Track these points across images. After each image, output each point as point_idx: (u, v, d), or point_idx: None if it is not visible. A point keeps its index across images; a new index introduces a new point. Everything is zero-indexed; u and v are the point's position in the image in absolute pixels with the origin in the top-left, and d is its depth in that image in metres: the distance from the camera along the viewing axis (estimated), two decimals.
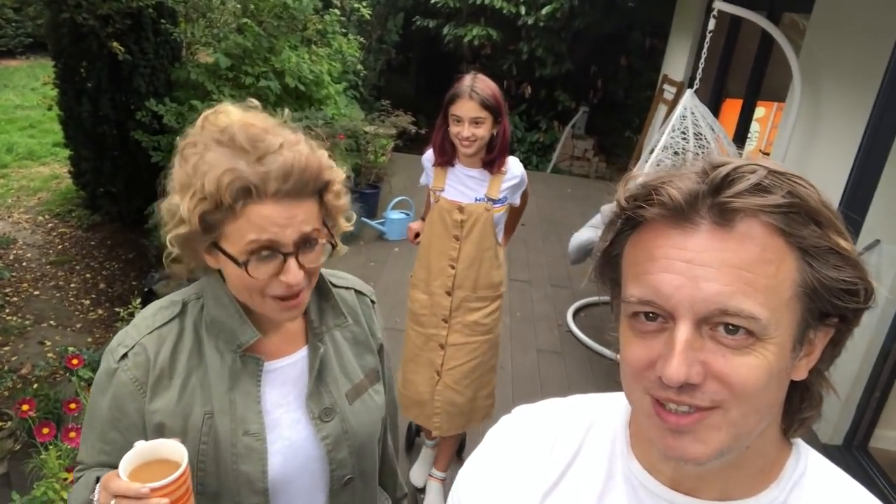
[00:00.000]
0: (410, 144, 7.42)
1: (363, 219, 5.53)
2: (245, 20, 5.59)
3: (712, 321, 0.58)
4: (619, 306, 0.67)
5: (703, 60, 3.64)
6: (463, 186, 2.39)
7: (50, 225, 6.46)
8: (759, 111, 6.23)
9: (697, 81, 3.67)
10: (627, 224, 0.65)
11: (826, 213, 0.59)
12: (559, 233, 5.96)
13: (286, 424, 1.09)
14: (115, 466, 0.91)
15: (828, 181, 3.52)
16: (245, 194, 0.92)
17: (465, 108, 2.21)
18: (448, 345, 2.49)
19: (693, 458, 0.61)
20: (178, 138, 1.01)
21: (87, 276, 5.62)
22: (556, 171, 8.80)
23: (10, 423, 3.09)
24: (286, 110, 1.06)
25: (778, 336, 0.58)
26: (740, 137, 5.50)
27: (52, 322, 4.83)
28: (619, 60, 8.70)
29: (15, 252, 5.78)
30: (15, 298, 5.05)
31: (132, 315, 3.54)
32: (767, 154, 4.66)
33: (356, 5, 6.46)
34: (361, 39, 7.04)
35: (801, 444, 0.70)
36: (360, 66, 7.10)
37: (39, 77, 10.80)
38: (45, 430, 1.96)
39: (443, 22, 8.93)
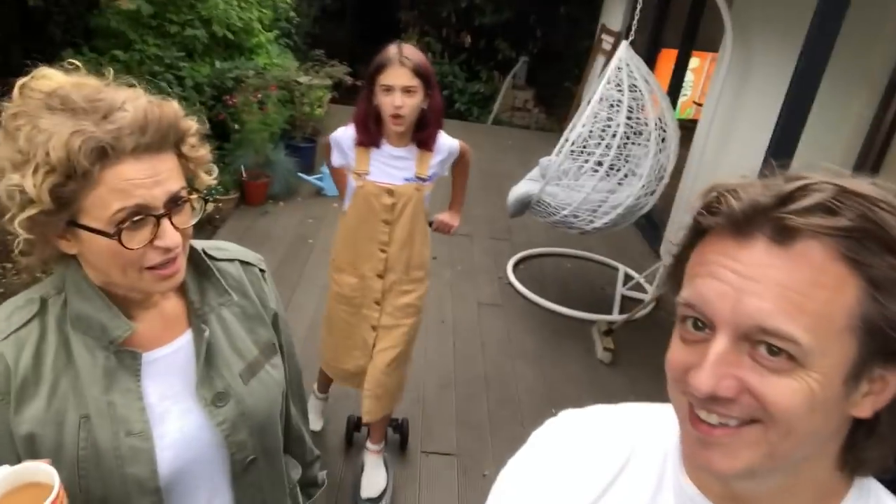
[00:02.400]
0: (347, 96, 7.23)
1: (299, 174, 5.40)
2: None
3: (753, 339, 0.55)
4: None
5: (638, 12, 3.63)
6: (390, 167, 2.24)
7: None
8: (694, 62, 6.32)
9: (633, 33, 3.66)
10: (694, 231, 0.63)
11: None
12: (500, 185, 5.96)
13: (175, 416, 1.02)
14: None
15: (756, 131, 3.61)
16: (100, 156, 0.83)
17: (396, 76, 2.07)
18: (380, 326, 2.44)
19: (718, 470, 0.59)
20: None
21: (8, 237, 5.33)
22: (496, 122, 8.76)
23: None
24: (110, 70, 0.95)
25: (824, 366, 0.54)
26: (674, 88, 5.57)
27: None
28: (558, 9, 8.63)
29: None
30: None
31: None
32: (700, 105, 4.74)
33: None
34: None
35: (869, 483, 0.66)
36: (292, 13, 6.84)
37: None
38: None
39: None
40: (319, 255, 4.43)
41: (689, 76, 6.34)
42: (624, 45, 3.62)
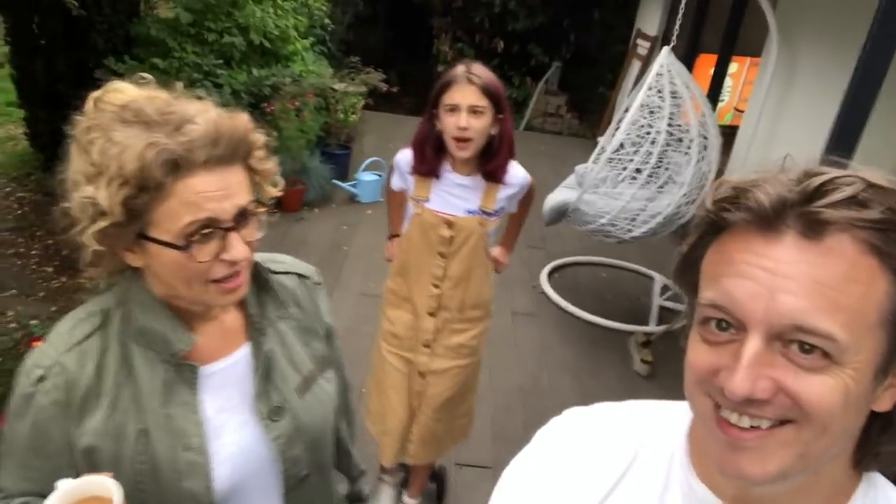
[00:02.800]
0: (381, 102, 7.25)
1: (334, 181, 5.42)
2: None
3: (786, 338, 0.54)
4: (694, 310, 0.63)
5: (680, 17, 3.56)
6: (452, 196, 2.04)
7: (7, 189, 6.22)
8: (732, 67, 6.19)
9: (674, 39, 3.59)
10: (712, 227, 0.61)
11: None
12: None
13: (232, 429, 1.02)
14: (41, 494, 0.84)
15: (804, 137, 3.51)
16: (173, 168, 0.83)
17: (463, 94, 1.87)
18: (430, 371, 2.21)
19: (750, 476, 0.57)
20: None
21: (49, 242, 5.44)
22: (528, 128, 8.70)
23: None
24: (179, 83, 0.96)
25: (858, 362, 0.54)
26: (714, 93, 5.46)
27: (13, 291, 4.68)
28: (591, 14, 8.55)
29: None
30: None
31: (95, 286, 3.43)
32: (741, 111, 4.64)
33: None
34: None
35: (876, 477, 0.66)
36: (327, 21, 6.87)
37: None
38: None
39: None
40: (354, 262, 4.44)
41: (727, 81, 6.22)
42: (665, 50, 3.55)
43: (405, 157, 2.10)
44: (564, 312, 4.16)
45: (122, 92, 0.90)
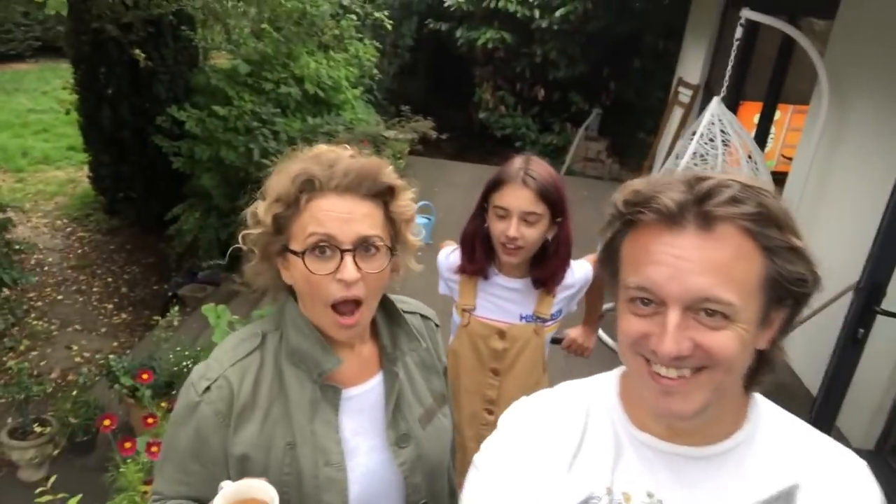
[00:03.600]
0: (423, 148, 7.44)
1: None
2: (264, 26, 5.61)
3: (696, 307, 0.71)
4: (617, 288, 0.82)
5: (730, 69, 3.65)
6: (502, 301, 1.78)
7: (69, 229, 6.50)
8: (775, 114, 6.24)
9: (724, 90, 3.68)
10: (626, 224, 0.78)
11: (785, 218, 0.74)
12: (578, 236, 5.95)
13: (364, 451, 1.09)
14: (195, 498, 0.92)
15: (856, 183, 3.53)
16: (309, 186, 0.98)
17: (516, 199, 1.63)
18: None
19: (678, 413, 0.75)
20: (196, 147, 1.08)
21: (109, 279, 5.66)
22: (569, 173, 8.80)
23: (49, 428, 3.11)
24: (366, 150, 1.12)
25: (747, 318, 0.72)
26: (760, 141, 5.50)
27: (77, 326, 4.87)
28: (631, 62, 8.70)
29: (36, 257, 5.82)
30: (39, 303, 5.08)
31: (169, 323, 3.53)
32: (790, 159, 4.67)
33: (377, 15, 6.46)
34: (377, 44, 7.06)
35: (757, 396, 0.86)
36: (375, 71, 7.13)
37: (50, 81, 10.84)
38: (128, 445, 1.92)
39: (455, 25, 8.94)
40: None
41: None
42: (716, 100, 3.64)
43: (447, 259, 1.86)
44: (616, 353, 4.17)
45: (317, 147, 1.07)
